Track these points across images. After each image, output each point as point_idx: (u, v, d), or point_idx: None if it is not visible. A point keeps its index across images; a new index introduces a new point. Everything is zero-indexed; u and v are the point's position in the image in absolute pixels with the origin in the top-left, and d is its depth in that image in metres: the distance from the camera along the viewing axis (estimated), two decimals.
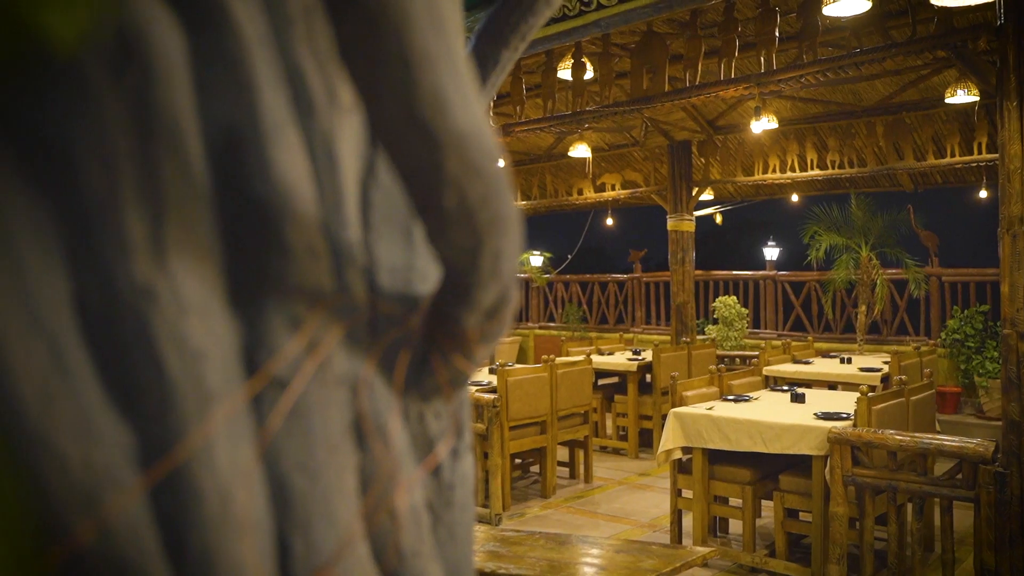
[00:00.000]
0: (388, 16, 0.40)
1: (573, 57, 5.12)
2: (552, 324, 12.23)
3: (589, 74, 5.25)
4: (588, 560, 2.33)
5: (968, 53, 3.59)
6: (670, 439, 4.63)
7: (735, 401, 4.86)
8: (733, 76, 4.37)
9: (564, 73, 5.32)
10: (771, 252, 10.10)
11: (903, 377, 4.62)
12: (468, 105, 0.44)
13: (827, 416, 4.26)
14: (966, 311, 7.66)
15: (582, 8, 3.20)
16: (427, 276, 0.62)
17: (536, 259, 12.14)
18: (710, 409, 4.59)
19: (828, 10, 4.02)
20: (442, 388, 0.60)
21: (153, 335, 0.44)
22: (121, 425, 0.44)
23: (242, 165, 0.49)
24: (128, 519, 0.43)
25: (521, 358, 11.88)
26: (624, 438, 7.76)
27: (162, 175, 0.46)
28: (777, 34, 4.27)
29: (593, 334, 10.90)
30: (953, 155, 7.43)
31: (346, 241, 0.55)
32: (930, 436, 3.63)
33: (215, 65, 0.48)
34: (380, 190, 0.60)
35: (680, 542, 4.78)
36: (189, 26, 0.47)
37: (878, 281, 8.03)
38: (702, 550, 2.42)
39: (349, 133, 0.56)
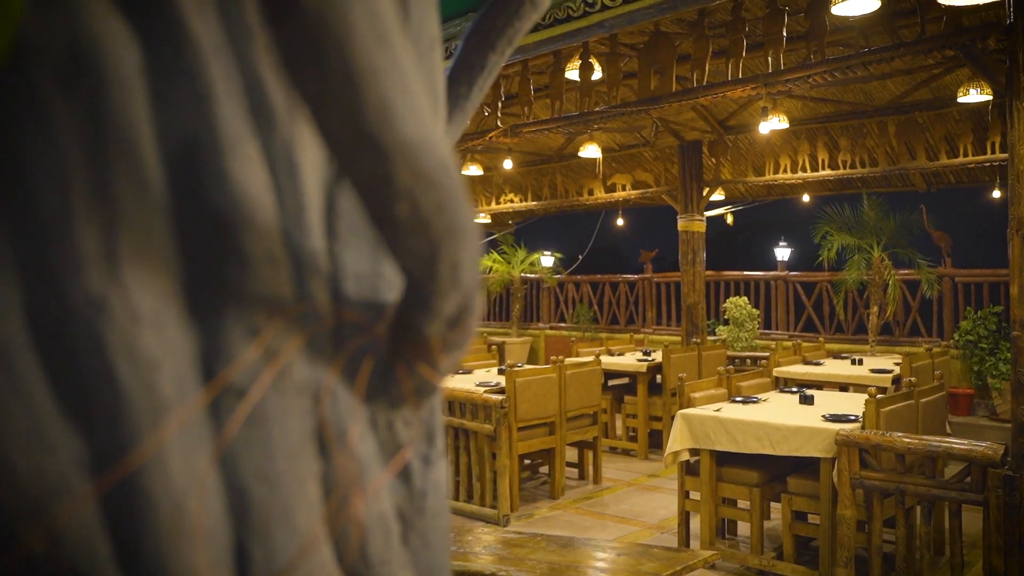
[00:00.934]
0: (329, 29, 0.40)
1: (581, 57, 5.11)
2: (563, 325, 12.21)
3: (597, 74, 5.24)
4: (589, 563, 2.32)
5: (977, 52, 3.56)
6: (677, 440, 4.61)
7: (743, 403, 4.84)
8: (741, 76, 4.35)
9: (572, 74, 5.31)
10: (782, 252, 10.06)
11: (912, 379, 4.58)
12: (417, 116, 0.44)
13: (835, 418, 4.23)
14: (979, 312, 7.59)
15: (586, 9, 3.19)
16: (394, 284, 0.62)
17: (547, 259, 12.13)
18: (717, 411, 4.57)
19: (837, 9, 4.00)
20: (408, 397, 0.61)
21: (105, 346, 0.45)
22: (72, 435, 0.44)
23: (199, 176, 0.50)
24: (79, 528, 0.44)
25: (532, 358, 11.87)
26: (634, 439, 7.74)
27: (116, 187, 0.46)
28: (785, 34, 4.24)
29: (604, 335, 10.88)
30: (966, 155, 7.36)
31: (308, 250, 0.55)
32: (938, 439, 3.60)
33: (172, 77, 0.49)
34: (346, 199, 0.60)
35: (688, 544, 4.76)
36: (145, 38, 0.48)
37: (890, 282, 7.97)
38: (704, 553, 2.41)
39: (312, 142, 0.56)
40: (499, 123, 5.55)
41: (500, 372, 6.79)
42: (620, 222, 11.72)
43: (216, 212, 0.50)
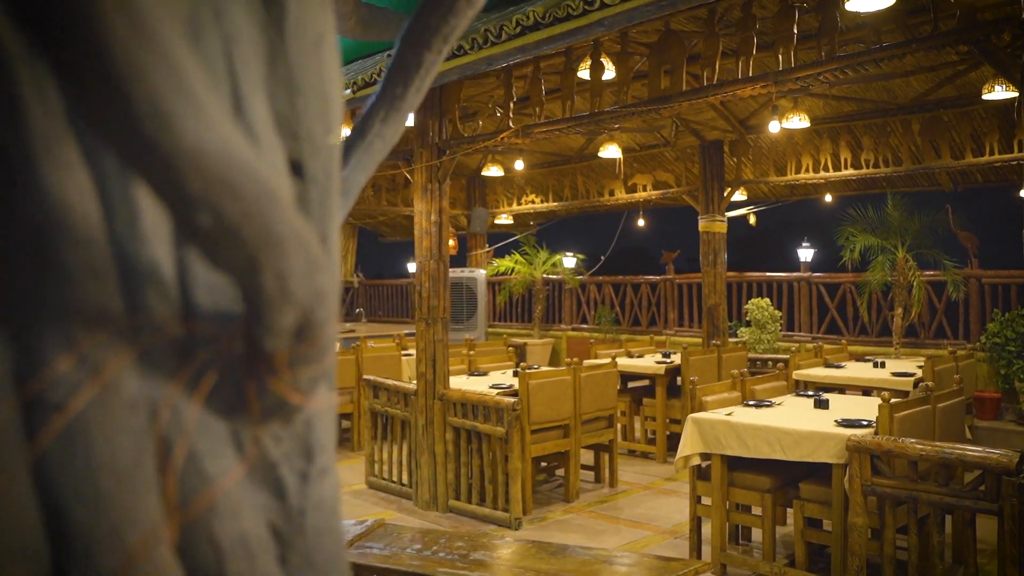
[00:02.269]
0: (81, 31, 0.37)
1: (592, 57, 5.07)
2: (585, 326, 12.15)
3: (611, 74, 5.19)
4: (577, 571, 2.29)
5: (992, 48, 3.46)
6: (688, 445, 4.55)
7: (756, 406, 4.75)
8: (751, 74, 4.28)
9: (585, 73, 5.27)
10: (805, 253, 9.90)
11: (929, 383, 4.47)
12: (202, 120, 0.42)
13: (848, 423, 4.14)
14: (1007, 314, 7.39)
15: (585, 7, 3.15)
16: None
17: (569, 260, 12.08)
18: (729, 415, 4.50)
19: (850, 5, 3.91)
20: (261, 412, 0.58)
21: None
22: None
23: (9, 185, 0.47)
24: None
25: (554, 360, 11.83)
26: (652, 442, 7.67)
27: None
28: (795, 31, 4.16)
29: (624, 336, 10.80)
30: (992, 153, 7.18)
31: (145, 259, 0.53)
32: (951, 445, 3.50)
33: None
34: None
35: (699, 550, 4.69)
36: None
37: (915, 283, 7.81)
38: (696, 563, 2.36)
39: None
40: (511, 124, 5.52)
41: (515, 374, 6.75)
42: (641, 223, 11.63)
43: (28, 222, 0.48)
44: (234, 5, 0.61)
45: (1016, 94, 5.56)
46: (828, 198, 10.18)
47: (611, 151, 8.45)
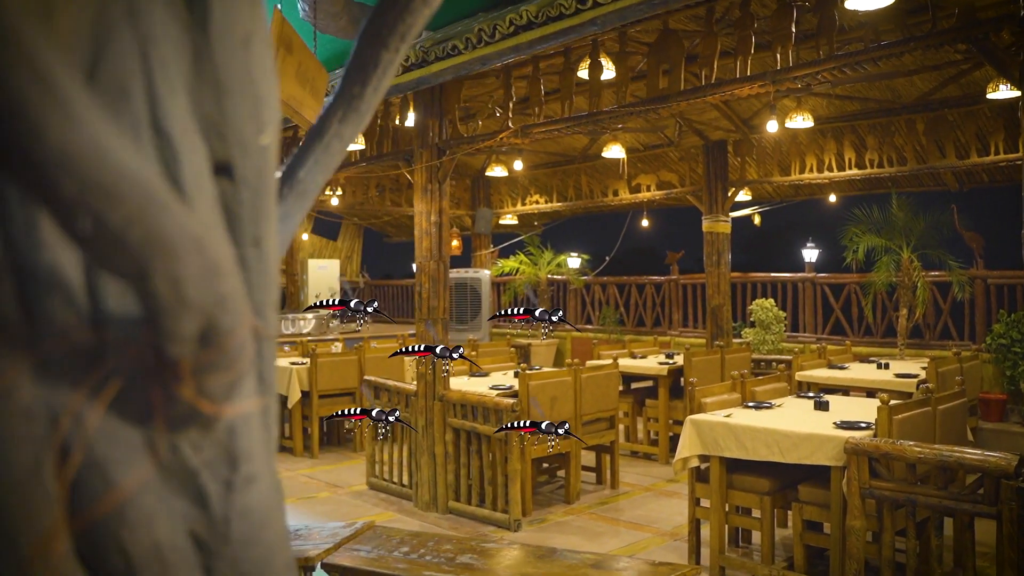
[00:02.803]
0: None
1: (591, 56, 5.05)
2: (589, 327, 12.12)
3: (611, 73, 5.16)
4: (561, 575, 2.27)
5: (991, 46, 3.42)
6: (686, 446, 4.52)
7: (755, 408, 4.72)
8: (750, 74, 4.25)
9: (584, 73, 5.25)
10: (810, 254, 9.84)
11: (930, 385, 4.43)
12: (75, 124, 0.40)
13: (847, 425, 4.11)
14: (1013, 315, 7.31)
15: (578, 7, 3.13)
16: None
17: (574, 261, 12.05)
18: (728, 416, 4.47)
19: (850, 4, 3.88)
20: (172, 420, 0.57)
21: None
22: None
23: None
24: None
25: (559, 361, 11.80)
26: (655, 443, 7.64)
27: None
28: (794, 30, 4.13)
29: (628, 337, 10.76)
30: (998, 152, 7.12)
31: (44, 266, 0.52)
32: (950, 448, 3.46)
33: None
34: None
35: (698, 553, 4.67)
36: None
37: (919, 284, 7.75)
38: (685, 568, 2.34)
39: None
40: (510, 124, 5.51)
41: (515, 375, 6.73)
42: (645, 223, 11.59)
43: None
44: (152, 4, 0.59)
45: (1019, 93, 5.51)
46: (832, 198, 10.13)
47: (615, 151, 8.43)
